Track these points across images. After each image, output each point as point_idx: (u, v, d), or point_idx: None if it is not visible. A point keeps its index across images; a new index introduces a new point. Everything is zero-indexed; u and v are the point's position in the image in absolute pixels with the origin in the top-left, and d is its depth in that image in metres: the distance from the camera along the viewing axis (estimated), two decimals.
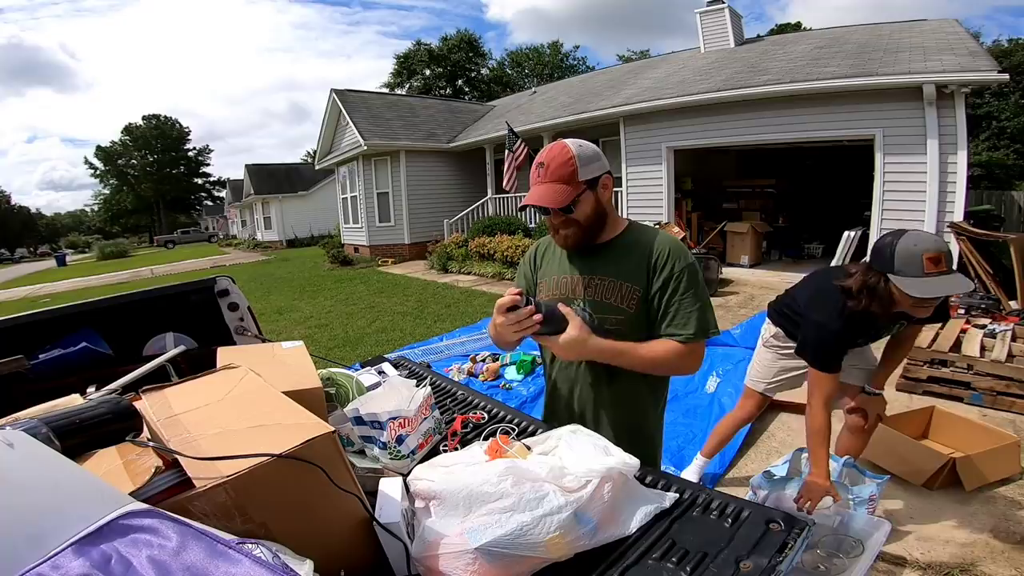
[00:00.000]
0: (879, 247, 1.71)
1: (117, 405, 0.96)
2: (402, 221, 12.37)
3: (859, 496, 2.04)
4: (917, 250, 1.59)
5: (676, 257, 1.26)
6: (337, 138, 14.04)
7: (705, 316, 1.26)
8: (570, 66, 36.56)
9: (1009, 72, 6.09)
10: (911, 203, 6.04)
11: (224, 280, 2.25)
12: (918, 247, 1.59)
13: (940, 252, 1.59)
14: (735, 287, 6.98)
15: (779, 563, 0.77)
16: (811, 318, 1.96)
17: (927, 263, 1.57)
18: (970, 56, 6.04)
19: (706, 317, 1.26)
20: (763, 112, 7.12)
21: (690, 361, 1.29)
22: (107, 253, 29.14)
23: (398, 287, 9.08)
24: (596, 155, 1.26)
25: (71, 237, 68.21)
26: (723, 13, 10.33)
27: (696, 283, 1.26)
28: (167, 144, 50.28)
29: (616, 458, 0.96)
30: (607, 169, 1.27)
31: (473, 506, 0.86)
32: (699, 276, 1.28)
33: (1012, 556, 2.03)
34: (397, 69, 35.62)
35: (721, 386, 3.49)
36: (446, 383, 1.69)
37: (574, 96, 11.60)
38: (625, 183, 8.79)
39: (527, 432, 1.31)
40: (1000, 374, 3.21)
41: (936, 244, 1.61)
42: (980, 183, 14.21)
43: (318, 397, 1.17)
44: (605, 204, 1.29)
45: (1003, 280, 5.00)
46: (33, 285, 17.34)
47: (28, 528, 0.54)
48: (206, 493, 0.71)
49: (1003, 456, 2.50)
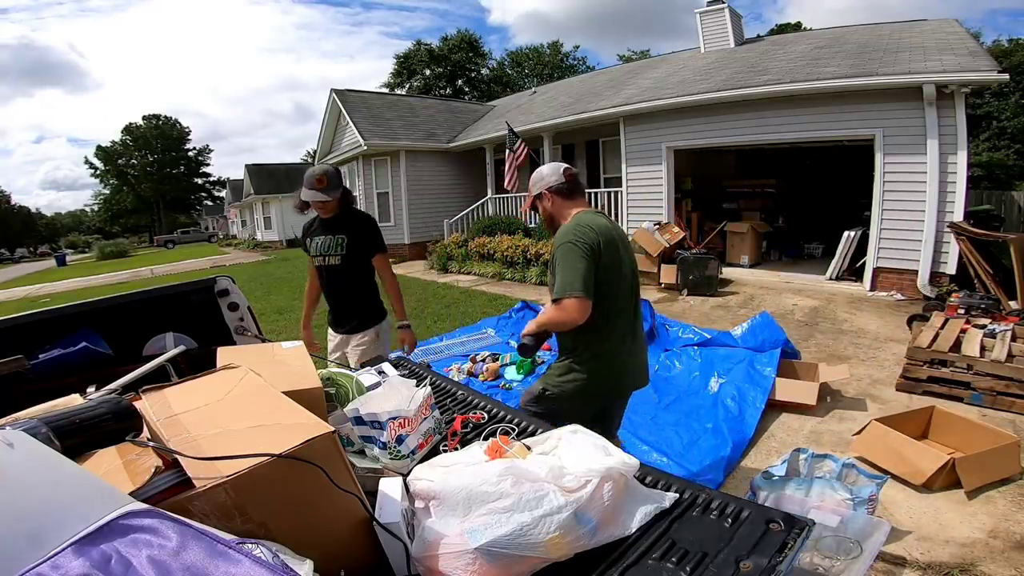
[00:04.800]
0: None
1: (117, 405, 0.96)
2: (402, 221, 12.37)
3: (859, 496, 2.04)
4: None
5: (555, 241, 1.78)
6: (337, 138, 14.05)
7: (564, 280, 1.68)
8: (570, 66, 36.56)
9: (1009, 72, 6.08)
10: (911, 203, 6.03)
11: (224, 280, 2.25)
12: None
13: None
14: (735, 287, 6.98)
15: (779, 563, 0.77)
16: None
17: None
18: (970, 56, 6.04)
19: (564, 280, 1.68)
20: (763, 112, 7.12)
21: (561, 314, 1.70)
22: (107, 253, 29.12)
23: None
24: (535, 181, 1.96)
25: (71, 237, 68.20)
26: (723, 13, 10.33)
27: (561, 258, 1.72)
28: (167, 144, 50.29)
29: (616, 458, 0.96)
30: (544, 187, 1.92)
31: (473, 506, 0.86)
32: (566, 253, 1.71)
33: (1012, 556, 2.03)
34: (397, 69, 35.62)
35: (723, 387, 3.49)
36: (446, 383, 1.69)
37: (574, 96, 11.60)
38: (625, 183, 8.79)
39: (527, 432, 1.31)
40: (1000, 374, 3.21)
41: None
42: (980, 183, 14.21)
43: (318, 397, 1.17)
44: (548, 211, 1.95)
45: (1003, 280, 5.00)
46: (33, 285, 17.34)
47: (28, 528, 0.54)
48: (206, 493, 0.71)
49: (1003, 456, 2.50)
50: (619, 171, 8.96)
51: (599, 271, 1.71)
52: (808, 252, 9.19)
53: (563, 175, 1.90)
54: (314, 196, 2.42)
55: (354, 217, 2.59)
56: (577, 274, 1.65)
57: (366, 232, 2.55)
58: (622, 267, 1.83)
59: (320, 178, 2.41)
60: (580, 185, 1.96)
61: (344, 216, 2.56)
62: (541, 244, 8.36)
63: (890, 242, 6.27)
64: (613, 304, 1.79)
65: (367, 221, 2.61)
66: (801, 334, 4.89)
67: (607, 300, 1.75)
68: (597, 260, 1.70)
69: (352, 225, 2.54)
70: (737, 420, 3.13)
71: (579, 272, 1.66)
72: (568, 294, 1.64)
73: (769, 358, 3.56)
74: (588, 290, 1.66)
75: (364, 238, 2.54)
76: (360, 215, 2.64)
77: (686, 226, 8.53)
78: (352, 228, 2.53)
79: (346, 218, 2.56)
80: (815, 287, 6.68)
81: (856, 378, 3.78)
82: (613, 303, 1.79)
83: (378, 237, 2.59)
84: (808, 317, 5.49)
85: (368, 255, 2.57)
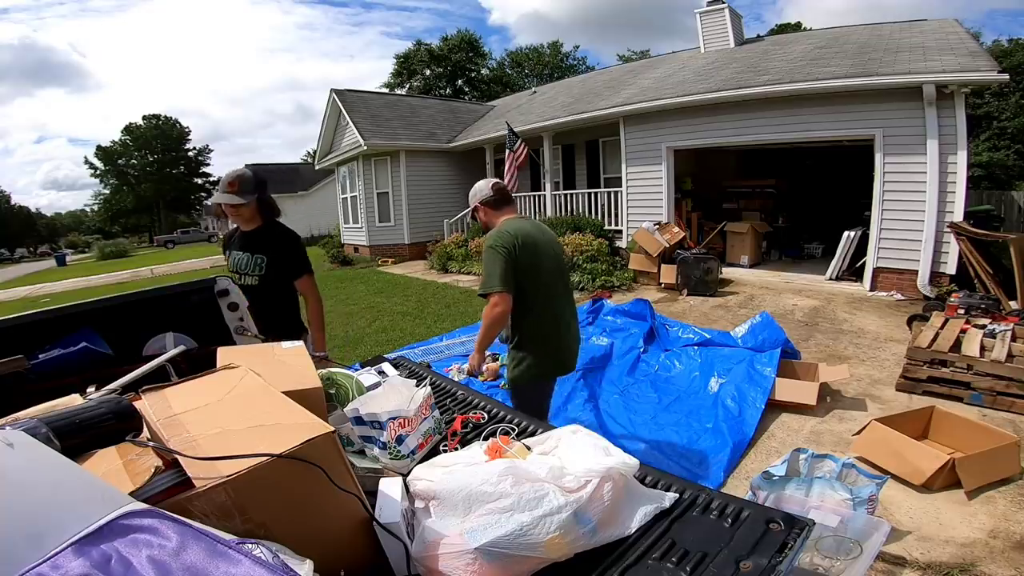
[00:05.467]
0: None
1: (117, 405, 0.96)
2: (402, 221, 12.36)
3: (858, 496, 2.04)
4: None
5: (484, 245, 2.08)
6: (337, 138, 14.03)
7: (485, 279, 2.01)
8: (570, 66, 36.56)
9: (1009, 72, 6.08)
10: (911, 203, 6.03)
11: (224, 280, 2.25)
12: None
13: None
14: (735, 287, 6.98)
15: (779, 563, 0.77)
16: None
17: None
18: (970, 56, 6.04)
19: (485, 280, 2.01)
20: (763, 112, 7.12)
21: (490, 310, 2.00)
22: (107, 253, 29.13)
23: (398, 287, 9.08)
24: (471, 195, 2.27)
25: (71, 237, 68.17)
26: (723, 13, 10.33)
27: (484, 261, 2.04)
28: (167, 144, 50.25)
29: (616, 458, 0.96)
30: (477, 201, 2.24)
31: (473, 506, 0.86)
32: (486, 256, 2.02)
33: (1012, 556, 2.03)
34: (397, 69, 35.59)
35: (723, 387, 3.49)
36: (446, 383, 1.69)
37: (574, 96, 11.60)
38: (625, 183, 8.79)
39: (527, 432, 1.31)
40: (1000, 374, 3.21)
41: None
42: (980, 183, 14.23)
43: (318, 397, 1.17)
44: (483, 220, 2.26)
45: (1003, 280, 5.00)
46: (33, 285, 17.34)
47: (28, 528, 0.54)
48: (206, 493, 0.71)
49: (1003, 456, 2.50)
50: (619, 171, 8.96)
51: (520, 266, 2.01)
52: (808, 252, 9.20)
53: (491, 189, 2.23)
54: (225, 199, 2.22)
55: (277, 234, 2.36)
56: (494, 273, 1.98)
57: (289, 252, 2.34)
58: (544, 261, 2.11)
59: (232, 181, 2.23)
60: (508, 196, 2.27)
61: (266, 232, 2.35)
62: None
63: (890, 242, 6.27)
64: (541, 292, 2.09)
65: (290, 240, 2.37)
66: (801, 334, 4.89)
67: (534, 288, 2.06)
68: (515, 258, 2.00)
69: (274, 244, 2.33)
70: (737, 420, 3.13)
71: (496, 271, 1.98)
72: (488, 289, 1.99)
73: (769, 358, 3.56)
74: (506, 284, 1.98)
75: (286, 259, 2.33)
76: (283, 232, 2.39)
77: (686, 226, 8.52)
78: (274, 247, 2.32)
79: (268, 234, 2.34)
80: (815, 287, 6.68)
81: (856, 378, 3.78)
82: (539, 291, 2.08)
83: (302, 258, 2.38)
84: (808, 317, 5.49)
85: (290, 277, 2.37)
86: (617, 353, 4.28)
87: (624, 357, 4.20)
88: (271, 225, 2.37)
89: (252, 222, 2.34)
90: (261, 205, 2.32)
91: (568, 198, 9.89)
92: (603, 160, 10.49)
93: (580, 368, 3.99)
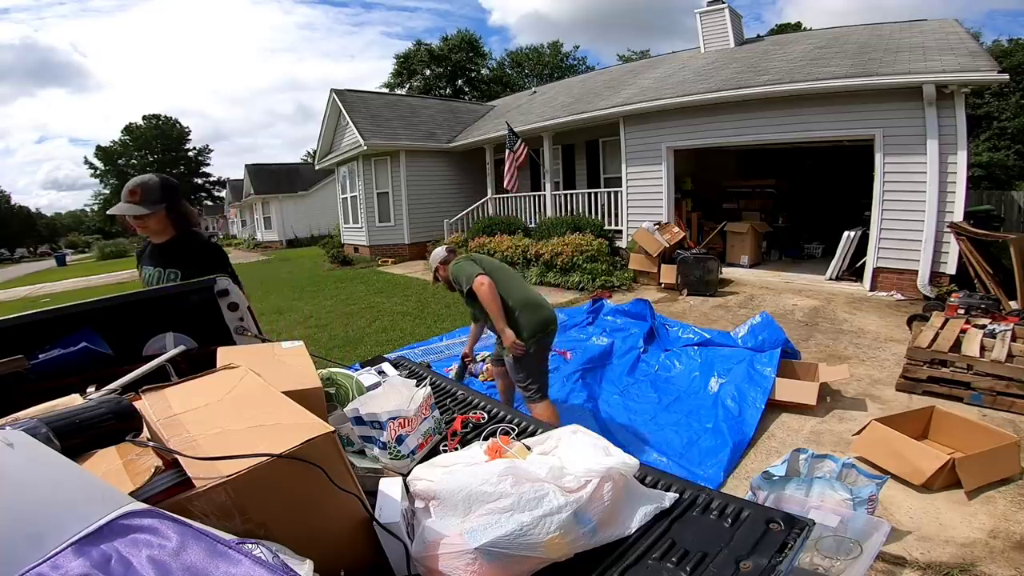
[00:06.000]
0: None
1: (117, 405, 0.96)
2: (402, 221, 12.36)
3: (858, 496, 2.04)
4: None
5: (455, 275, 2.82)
6: (337, 138, 14.03)
7: (465, 279, 2.69)
8: (570, 66, 36.55)
9: (1009, 72, 6.08)
10: (911, 203, 6.03)
11: (224, 280, 2.24)
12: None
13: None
14: (735, 287, 6.98)
15: (779, 563, 0.77)
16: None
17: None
18: (970, 56, 6.04)
19: (466, 280, 2.68)
20: (763, 112, 7.12)
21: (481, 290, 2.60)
22: (107, 253, 29.15)
23: (398, 287, 9.08)
24: (432, 261, 3.10)
25: (71, 237, 68.15)
26: (723, 13, 10.33)
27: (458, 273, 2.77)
28: (167, 144, 50.25)
29: (616, 458, 0.96)
30: (438, 262, 3.06)
31: (473, 506, 0.86)
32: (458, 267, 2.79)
33: (1012, 556, 2.03)
34: (397, 69, 35.58)
35: (723, 387, 3.49)
36: (446, 383, 1.69)
37: (574, 96, 11.60)
38: (625, 183, 8.79)
39: (527, 432, 1.31)
40: (1000, 374, 3.21)
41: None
42: (980, 183, 14.23)
43: (318, 397, 1.17)
44: (443, 276, 3.03)
45: (1003, 280, 5.00)
46: (33, 285, 17.33)
47: (28, 528, 0.54)
48: (206, 493, 0.71)
49: (1003, 456, 2.50)
50: (619, 171, 8.96)
51: (483, 266, 2.74)
52: (808, 252, 9.20)
53: (446, 251, 3.05)
54: (126, 210, 1.95)
55: (193, 246, 2.09)
56: (470, 271, 2.69)
57: (206, 267, 2.02)
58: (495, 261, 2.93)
59: (134, 189, 1.95)
60: (456, 253, 3.10)
61: (180, 244, 2.08)
62: (541, 244, 8.36)
63: (890, 242, 6.27)
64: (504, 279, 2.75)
65: (208, 252, 2.09)
66: (801, 334, 4.89)
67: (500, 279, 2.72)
68: (477, 260, 2.80)
69: (189, 257, 2.04)
70: (737, 420, 3.13)
71: (471, 270, 2.69)
72: (470, 279, 2.65)
73: (769, 358, 3.56)
74: (481, 271, 2.67)
75: (203, 274, 1.99)
76: (200, 244, 2.12)
77: (686, 226, 8.52)
78: (188, 261, 2.04)
79: (182, 247, 2.07)
80: (815, 287, 6.68)
81: (856, 378, 3.78)
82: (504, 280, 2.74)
83: (223, 271, 2.05)
84: (808, 317, 5.49)
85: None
86: (617, 353, 4.28)
87: (624, 357, 4.20)
88: (186, 236, 2.10)
89: (163, 234, 2.08)
90: (171, 215, 2.05)
91: (568, 198, 9.89)
92: (603, 160, 10.49)
93: (580, 368, 3.99)
